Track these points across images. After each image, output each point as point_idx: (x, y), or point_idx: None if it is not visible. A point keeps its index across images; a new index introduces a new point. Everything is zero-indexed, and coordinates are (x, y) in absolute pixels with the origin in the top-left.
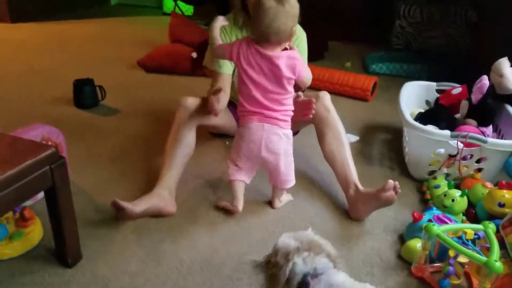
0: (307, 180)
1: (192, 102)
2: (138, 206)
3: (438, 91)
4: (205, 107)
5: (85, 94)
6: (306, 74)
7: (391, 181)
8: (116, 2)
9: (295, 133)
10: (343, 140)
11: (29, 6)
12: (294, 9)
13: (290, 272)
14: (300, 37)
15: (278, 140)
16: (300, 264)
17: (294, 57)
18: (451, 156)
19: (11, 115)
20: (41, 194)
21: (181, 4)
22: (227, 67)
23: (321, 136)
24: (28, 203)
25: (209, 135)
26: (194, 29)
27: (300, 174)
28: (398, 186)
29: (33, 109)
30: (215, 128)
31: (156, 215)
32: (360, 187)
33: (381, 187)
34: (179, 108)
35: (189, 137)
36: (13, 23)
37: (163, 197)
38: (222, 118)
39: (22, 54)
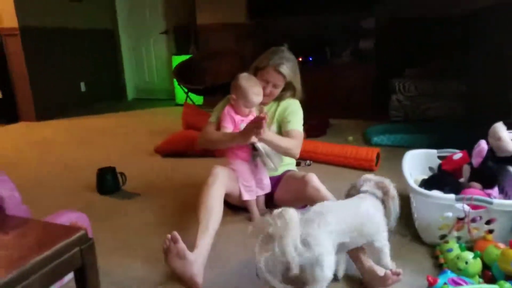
0: None
1: (221, 170)
2: (188, 252)
3: (439, 157)
4: (232, 176)
5: (108, 181)
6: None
7: (388, 272)
8: (132, 97)
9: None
10: None
11: (52, 105)
12: None
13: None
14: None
15: None
16: None
17: None
18: (459, 219)
19: (40, 204)
20: (67, 278)
21: (192, 95)
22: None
23: None
24: (56, 286)
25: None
26: (205, 116)
27: None
28: (397, 271)
29: (59, 198)
30: (232, 197)
31: (184, 280)
32: (366, 263)
33: (384, 276)
34: (211, 176)
35: (219, 205)
36: (38, 121)
37: (198, 265)
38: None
39: (48, 150)
